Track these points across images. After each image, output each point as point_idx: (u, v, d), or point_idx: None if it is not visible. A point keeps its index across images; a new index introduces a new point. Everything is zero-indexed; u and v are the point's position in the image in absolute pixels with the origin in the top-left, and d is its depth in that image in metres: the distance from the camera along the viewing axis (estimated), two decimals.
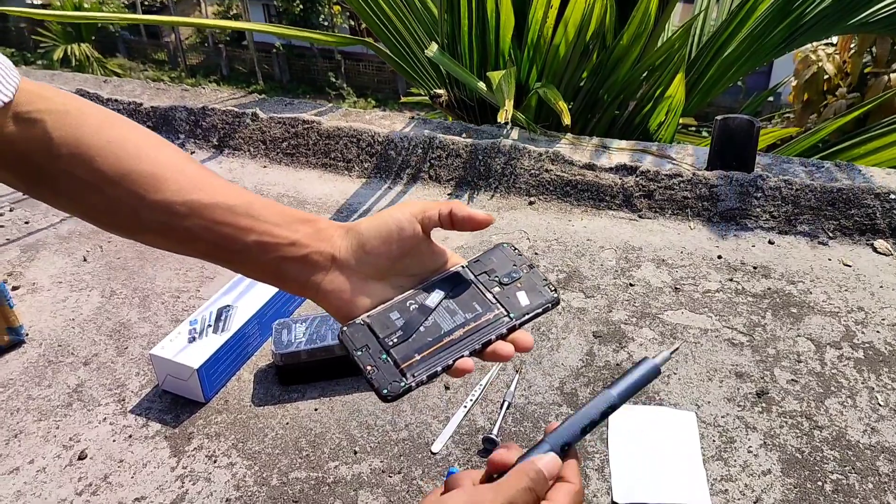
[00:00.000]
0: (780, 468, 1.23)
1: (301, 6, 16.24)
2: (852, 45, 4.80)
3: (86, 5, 12.27)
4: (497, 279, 0.71)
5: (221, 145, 2.42)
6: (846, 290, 1.69)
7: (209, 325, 1.42)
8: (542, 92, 2.46)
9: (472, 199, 2.15)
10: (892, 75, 4.47)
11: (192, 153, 2.39)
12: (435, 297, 0.69)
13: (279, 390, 1.41)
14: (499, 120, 2.01)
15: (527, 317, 0.68)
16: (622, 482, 1.20)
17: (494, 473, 0.60)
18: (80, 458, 1.26)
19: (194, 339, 1.38)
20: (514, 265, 0.73)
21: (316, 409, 1.36)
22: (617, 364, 1.46)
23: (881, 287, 1.70)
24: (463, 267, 0.72)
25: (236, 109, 2.44)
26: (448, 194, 2.15)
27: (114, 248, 1.91)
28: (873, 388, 1.40)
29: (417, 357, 0.64)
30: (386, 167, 2.27)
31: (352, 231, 0.68)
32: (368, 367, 0.64)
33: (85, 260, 1.86)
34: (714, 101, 3.25)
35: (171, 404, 1.38)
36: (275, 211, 0.67)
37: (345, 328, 0.67)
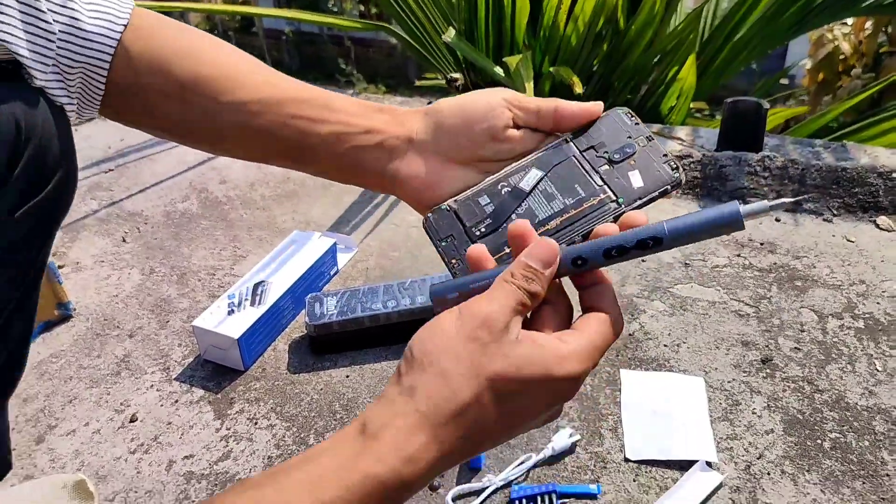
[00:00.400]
0: (783, 428, 1.32)
1: None
2: (867, 26, 4.82)
3: None
4: (607, 155, 0.62)
5: None
6: (849, 265, 1.77)
7: (246, 299, 1.51)
8: (554, 71, 2.54)
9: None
10: None
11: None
12: (531, 178, 0.61)
13: (312, 359, 1.50)
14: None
15: (639, 202, 0.60)
16: (634, 441, 1.29)
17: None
18: (131, 421, 1.36)
19: (233, 311, 1.47)
20: (630, 137, 0.63)
21: (347, 376, 1.46)
22: (630, 334, 1.54)
23: (882, 261, 1.77)
24: (567, 140, 0.63)
25: None
26: None
27: (150, 230, 2.01)
28: (872, 355, 1.48)
29: (507, 250, 0.58)
30: None
31: (431, 110, 0.65)
32: (454, 262, 0.59)
33: (124, 240, 1.96)
34: (728, 84, 3.30)
35: (213, 372, 1.47)
36: (353, 102, 0.65)
37: (429, 214, 0.62)
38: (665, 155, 0.62)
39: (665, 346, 1.52)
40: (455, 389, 0.47)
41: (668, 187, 0.61)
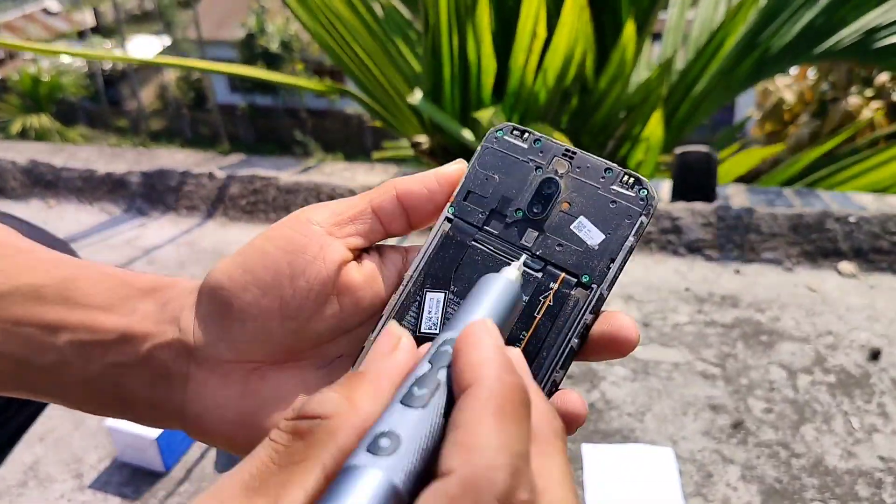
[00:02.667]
0: (761, 500, 1.20)
1: (264, 66, 16.39)
2: (809, 75, 4.92)
3: (44, 78, 12.28)
4: (521, 214, 0.39)
5: (178, 207, 2.40)
6: (814, 315, 1.69)
7: None
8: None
9: None
10: (849, 99, 4.58)
11: (148, 216, 2.36)
12: (432, 310, 0.39)
13: None
14: None
15: (614, 265, 0.37)
16: None
17: None
18: None
19: None
20: (538, 168, 0.40)
21: None
22: (590, 405, 1.43)
23: (848, 310, 1.70)
24: (448, 219, 0.40)
25: (193, 170, 2.42)
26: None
27: None
28: (847, 412, 1.38)
29: None
30: None
31: (208, 293, 0.39)
32: None
33: None
34: (686, 138, 3.30)
35: (131, 476, 1.32)
36: (107, 285, 0.40)
37: None
38: (608, 169, 0.39)
39: (629, 415, 1.40)
40: None
41: (643, 218, 0.38)
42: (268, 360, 0.39)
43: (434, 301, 0.39)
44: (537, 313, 0.37)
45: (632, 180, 0.38)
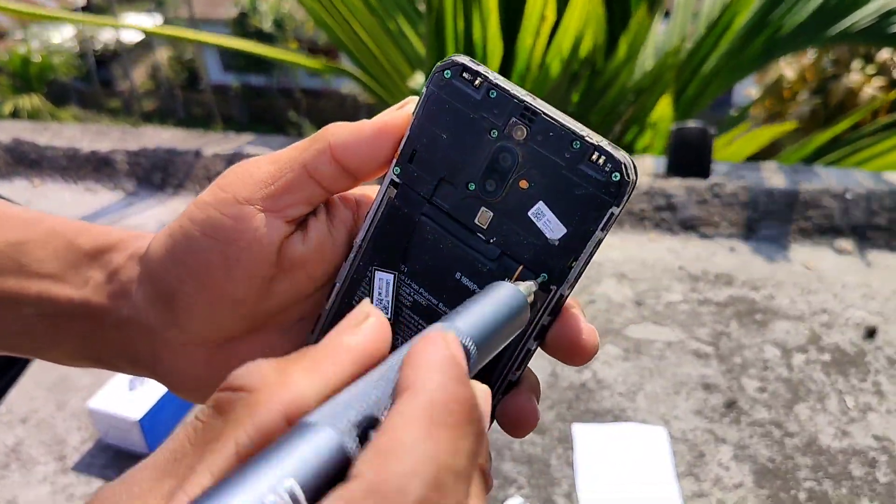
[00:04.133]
0: (753, 479, 1.18)
1: (258, 45, 16.26)
2: (809, 54, 4.88)
3: (35, 59, 12.15)
4: (473, 188, 0.34)
5: (164, 184, 2.36)
6: (810, 293, 1.67)
7: None
8: None
9: None
10: (851, 76, 4.54)
11: (133, 194, 2.32)
12: (382, 291, 0.36)
13: None
14: None
15: (577, 265, 0.33)
16: None
17: None
18: None
19: (135, 387, 1.31)
20: (492, 130, 0.33)
21: None
22: (581, 384, 1.41)
23: (843, 287, 1.67)
24: (395, 184, 0.36)
25: (178, 148, 2.38)
26: None
27: None
28: (841, 391, 1.37)
29: None
30: None
31: (144, 272, 0.37)
32: None
33: None
34: (695, 119, 3.27)
35: (114, 458, 1.30)
36: (55, 248, 0.39)
37: None
38: (574, 142, 0.32)
39: (620, 394, 1.38)
40: None
41: (615, 209, 0.32)
42: (226, 338, 0.37)
43: (384, 282, 0.36)
44: None
45: (602, 159, 0.31)
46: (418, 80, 2.51)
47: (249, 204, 0.35)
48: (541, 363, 1.47)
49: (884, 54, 4.10)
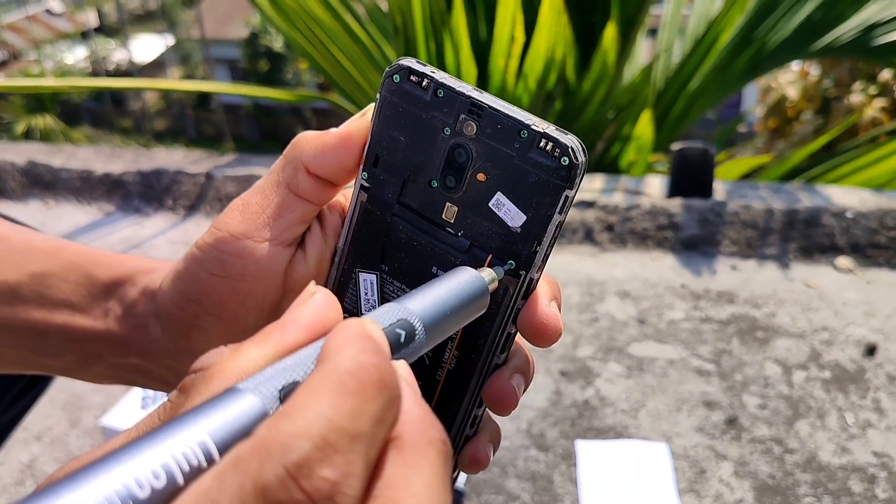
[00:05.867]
0: (753, 496, 1.20)
1: (268, 64, 16.41)
2: (812, 72, 4.90)
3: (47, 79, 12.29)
4: (436, 185, 0.36)
5: (176, 206, 2.40)
6: (810, 311, 1.68)
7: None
8: None
9: None
10: (852, 97, 4.56)
11: (145, 215, 2.37)
12: (368, 292, 0.39)
13: None
14: None
15: (541, 248, 0.34)
16: None
17: None
18: None
19: (147, 405, 1.34)
20: (446, 127, 0.35)
21: None
22: (584, 401, 1.43)
23: (844, 305, 1.69)
24: (365, 188, 0.38)
25: (190, 170, 2.42)
26: None
27: None
28: (841, 408, 1.38)
29: None
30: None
31: (162, 310, 0.40)
32: None
33: None
34: (688, 134, 3.29)
35: None
36: (75, 279, 0.42)
37: None
38: (521, 131, 0.33)
39: (623, 411, 1.41)
40: None
41: (569, 192, 0.33)
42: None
43: (368, 282, 0.38)
44: None
45: (550, 146, 0.33)
46: None
47: (248, 238, 0.37)
48: (544, 381, 1.49)
49: (885, 74, 4.12)
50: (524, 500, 1.21)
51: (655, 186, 2.16)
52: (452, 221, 0.36)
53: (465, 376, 0.37)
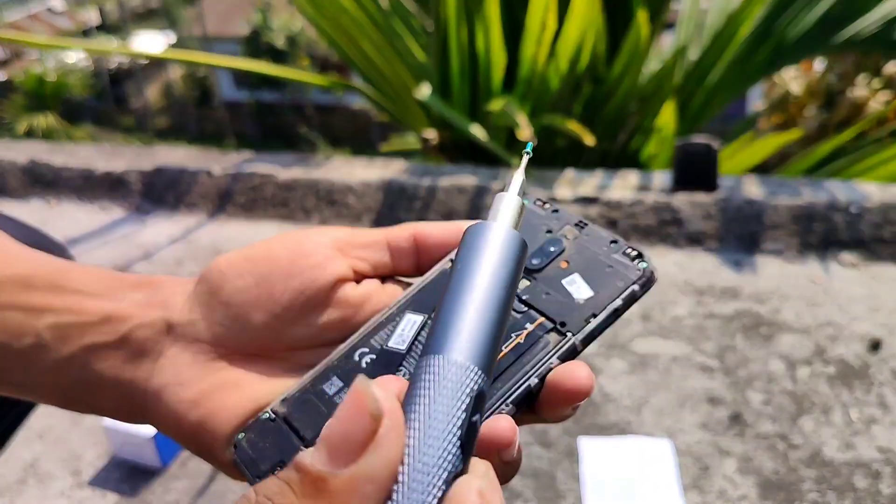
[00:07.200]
0: (757, 492, 1.20)
1: (270, 62, 16.42)
2: (815, 67, 4.88)
3: (50, 78, 12.29)
4: None
5: (177, 203, 2.40)
6: (815, 306, 1.68)
7: None
8: (547, 121, 2.51)
9: None
10: (856, 90, 4.53)
11: (147, 213, 2.36)
12: (406, 329, 0.39)
13: None
14: (519, 138, 2.05)
15: (595, 320, 0.37)
16: None
17: None
18: None
19: None
20: (549, 231, 0.41)
21: None
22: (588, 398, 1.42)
23: (849, 300, 1.68)
24: (450, 260, 0.41)
25: (191, 167, 2.42)
26: None
27: None
28: (846, 403, 1.38)
29: None
30: (347, 214, 2.25)
31: (207, 273, 0.40)
32: None
33: None
34: (706, 130, 3.28)
35: (129, 473, 1.33)
36: (99, 278, 0.41)
37: (239, 436, 0.37)
38: (614, 241, 0.39)
39: (627, 408, 1.40)
40: None
41: (636, 287, 0.37)
42: (239, 350, 0.39)
43: (411, 322, 0.39)
44: (505, 347, 0.36)
45: (634, 253, 0.38)
46: (424, 91, 2.53)
47: (332, 241, 0.40)
48: None
49: (890, 68, 4.10)
50: (527, 497, 1.21)
51: (659, 181, 2.15)
52: (521, 289, 0.39)
53: None
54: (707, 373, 1.48)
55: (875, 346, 1.51)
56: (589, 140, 2.24)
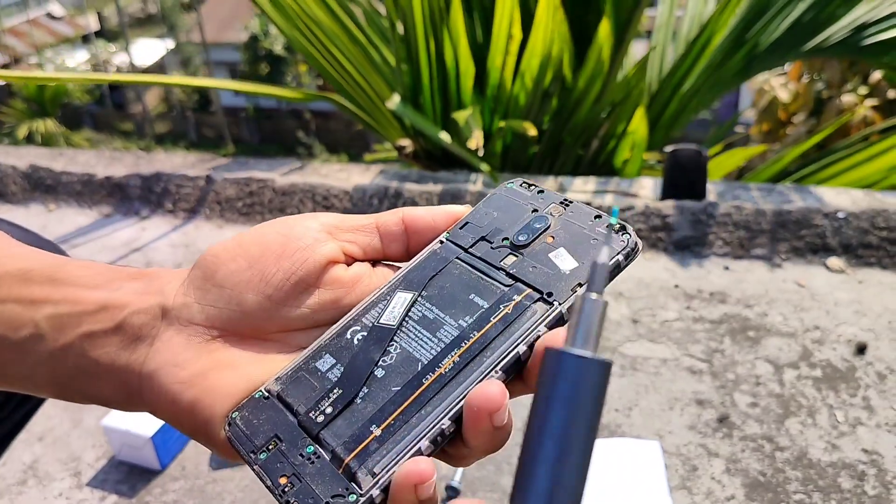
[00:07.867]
0: (744, 493, 1.22)
1: (268, 67, 16.44)
2: (803, 72, 4.92)
3: (49, 83, 12.33)
4: (506, 242, 0.42)
5: (176, 209, 2.42)
6: (802, 310, 1.70)
7: None
8: (505, 124, 2.54)
9: None
10: (843, 98, 4.58)
11: (146, 219, 2.39)
12: (397, 306, 0.41)
13: None
14: (469, 146, 2.08)
15: (581, 290, 0.37)
16: None
17: None
18: None
19: None
20: (535, 210, 0.43)
21: None
22: None
23: (835, 304, 1.71)
24: (441, 241, 0.43)
25: (190, 173, 2.44)
26: None
27: None
28: (832, 406, 1.40)
29: (377, 431, 0.35)
30: None
31: (199, 261, 0.42)
32: (282, 481, 0.35)
33: None
34: (684, 135, 3.31)
35: (128, 474, 1.35)
36: (94, 269, 0.42)
37: (233, 414, 0.38)
38: (598, 216, 0.41)
39: (616, 410, 1.43)
40: None
41: (621, 258, 0.38)
42: (233, 332, 0.40)
43: (402, 299, 0.41)
44: (493, 318, 0.38)
45: (618, 226, 0.40)
46: (395, 100, 2.56)
47: (322, 225, 0.43)
48: None
49: (877, 75, 4.14)
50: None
51: (648, 188, 2.18)
52: (508, 265, 0.41)
53: (454, 383, 0.37)
54: (695, 375, 1.51)
55: (861, 349, 1.54)
56: (532, 131, 2.31)
